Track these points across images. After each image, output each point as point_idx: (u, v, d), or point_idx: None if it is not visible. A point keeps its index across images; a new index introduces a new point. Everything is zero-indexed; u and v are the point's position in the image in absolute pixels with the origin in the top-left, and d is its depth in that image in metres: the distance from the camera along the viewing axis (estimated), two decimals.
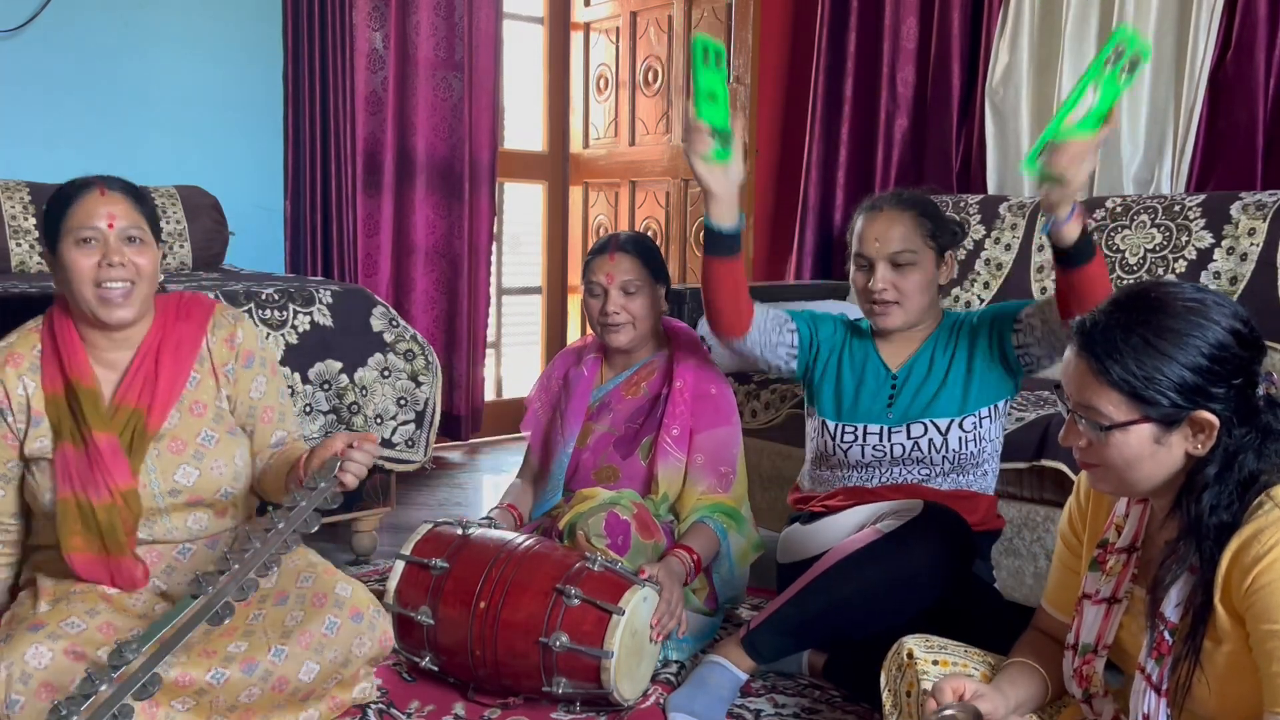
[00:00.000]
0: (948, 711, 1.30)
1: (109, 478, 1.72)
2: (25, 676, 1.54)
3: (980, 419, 2.03)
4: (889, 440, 2.05)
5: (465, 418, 4.05)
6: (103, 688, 1.44)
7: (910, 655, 1.49)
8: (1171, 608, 1.24)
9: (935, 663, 1.47)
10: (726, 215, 1.97)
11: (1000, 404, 2.06)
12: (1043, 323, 1.94)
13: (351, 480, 1.66)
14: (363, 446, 1.66)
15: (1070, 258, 1.77)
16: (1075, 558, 1.47)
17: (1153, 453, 1.23)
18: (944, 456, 2.03)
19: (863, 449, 2.06)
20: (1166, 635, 1.24)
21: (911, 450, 2.04)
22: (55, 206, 1.75)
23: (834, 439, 2.09)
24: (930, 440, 2.03)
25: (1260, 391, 1.23)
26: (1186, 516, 1.23)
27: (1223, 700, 1.21)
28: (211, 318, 1.87)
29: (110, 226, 1.72)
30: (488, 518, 2.21)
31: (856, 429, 2.07)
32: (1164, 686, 1.23)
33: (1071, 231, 1.74)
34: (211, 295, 2.19)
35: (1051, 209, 1.72)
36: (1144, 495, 1.31)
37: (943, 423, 2.02)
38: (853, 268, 2.09)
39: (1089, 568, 1.40)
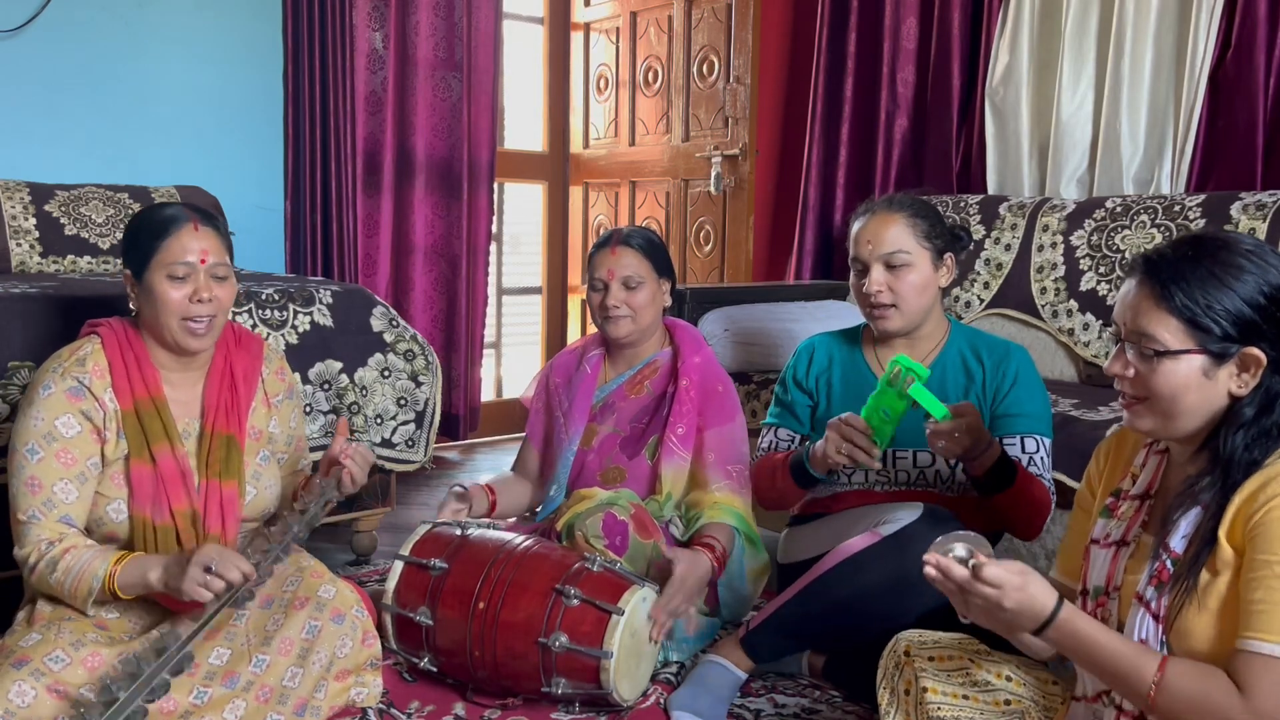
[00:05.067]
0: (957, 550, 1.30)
1: (172, 499, 1.77)
2: (8, 715, 1.54)
3: None
4: (893, 467, 2.03)
5: (462, 417, 4.06)
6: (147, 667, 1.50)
7: (907, 652, 1.49)
8: (1178, 538, 1.28)
9: (931, 659, 1.47)
10: (826, 469, 1.97)
11: None
12: None
13: (349, 484, 1.83)
14: (351, 454, 1.83)
15: (980, 486, 1.88)
16: (1089, 519, 1.47)
17: (1199, 385, 1.27)
18: (949, 486, 2.00)
19: (866, 474, 2.05)
20: (1168, 564, 1.27)
21: (917, 479, 2.02)
22: (146, 236, 1.78)
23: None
24: (937, 471, 2.01)
25: None
26: (1218, 451, 1.27)
27: (1209, 629, 1.24)
28: (264, 350, 1.98)
29: (203, 262, 1.78)
30: (461, 485, 2.22)
31: None
32: (1161, 614, 1.27)
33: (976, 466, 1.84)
34: None
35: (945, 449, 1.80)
36: (1180, 436, 1.32)
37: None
38: (851, 274, 2.09)
39: (1100, 514, 1.42)
